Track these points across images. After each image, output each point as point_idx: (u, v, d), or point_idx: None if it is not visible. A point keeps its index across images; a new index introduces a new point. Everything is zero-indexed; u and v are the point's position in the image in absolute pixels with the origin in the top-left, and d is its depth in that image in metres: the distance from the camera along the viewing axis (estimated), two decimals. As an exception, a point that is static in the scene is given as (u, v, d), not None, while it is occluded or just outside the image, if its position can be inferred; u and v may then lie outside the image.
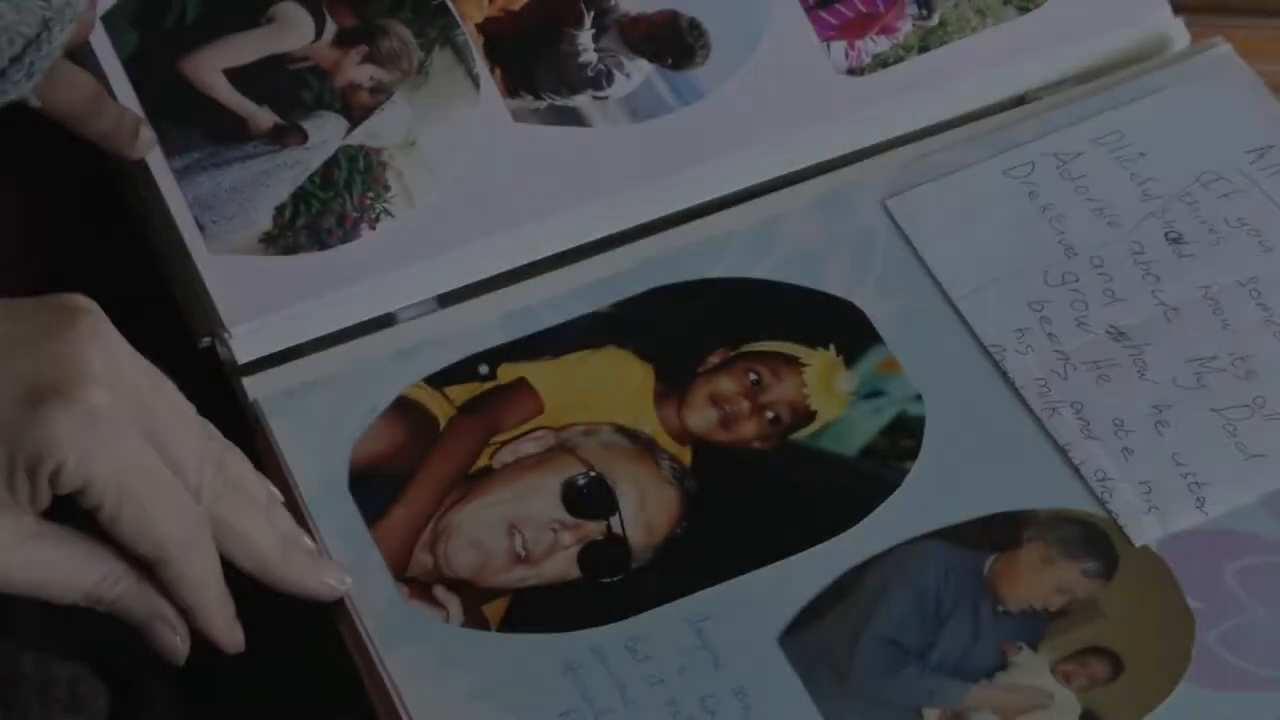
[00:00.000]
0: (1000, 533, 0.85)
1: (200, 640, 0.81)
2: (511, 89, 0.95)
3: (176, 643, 0.80)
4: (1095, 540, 0.85)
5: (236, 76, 0.92)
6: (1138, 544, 0.84)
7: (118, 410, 0.75)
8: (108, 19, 0.92)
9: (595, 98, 0.96)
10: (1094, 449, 0.87)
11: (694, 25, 0.98)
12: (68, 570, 0.77)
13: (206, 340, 0.91)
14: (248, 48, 0.92)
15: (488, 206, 0.93)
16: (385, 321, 0.90)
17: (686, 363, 0.91)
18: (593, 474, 0.88)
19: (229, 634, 0.81)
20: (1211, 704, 0.80)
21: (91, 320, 0.77)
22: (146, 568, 0.79)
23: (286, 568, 0.82)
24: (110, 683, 0.70)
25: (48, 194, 0.97)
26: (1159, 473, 0.86)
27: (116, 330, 0.78)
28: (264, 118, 0.92)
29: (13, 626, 0.77)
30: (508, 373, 0.90)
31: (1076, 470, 0.86)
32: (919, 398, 0.89)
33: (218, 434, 0.83)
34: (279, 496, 0.85)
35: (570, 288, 0.93)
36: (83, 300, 0.77)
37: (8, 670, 0.64)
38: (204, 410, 0.84)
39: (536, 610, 0.84)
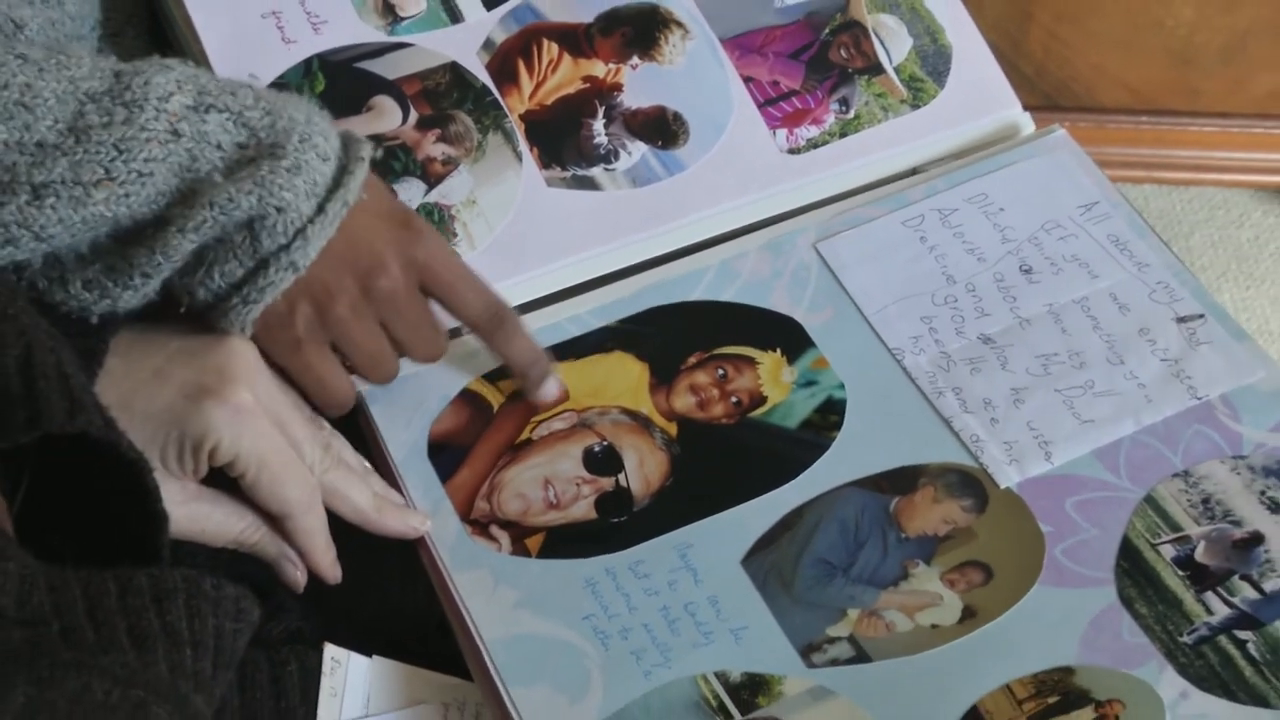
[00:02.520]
0: (901, 481, 0.84)
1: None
2: (545, 162, 0.94)
3: (297, 575, 0.81)
4: (971, 484, 0.84)
5: (345, 151, 0.91)
6: (1002, 486, 0.84)
7: (256, 406, 0.76)
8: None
9: (606, 169, 0.94)
10: (970, 420, 0.86)
11: (677, 117, 0.96)
12: (219, 521, 0.78)
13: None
14: (353, 129, 0.90)
15: (527, 249, 0.91)
16: (454, 334, 0.88)
17: (673, 362, 0.90)
18: (605, 443, 0.87)
19: (331, 571, 0.81)
20: (1057, 598, 0.79)
21: (238, 339, 0.78)
22: (275, 521, 0.79)
23: (380, 518, 0.82)
24: (257, 595, 0.69)
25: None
26: (1017, 435, 0.85)
27: (255, 347, 0.78)
28: (365, 182, 0.91)
29: (190, 564, 0.77)
30: (543, 370, 0.89)
31: (957, 435, 0.85)
32: (842, 386, 0.88)
33: (326, 423, 0.83)
34: (371, 468, 0.85)
35: (588, 308, 0.91)
36: None
37: (192, 588, 0.64)
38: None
39: (564, 543, 0.83)
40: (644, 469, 0.86)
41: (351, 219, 0.79)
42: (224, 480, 0.78)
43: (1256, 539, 0.80)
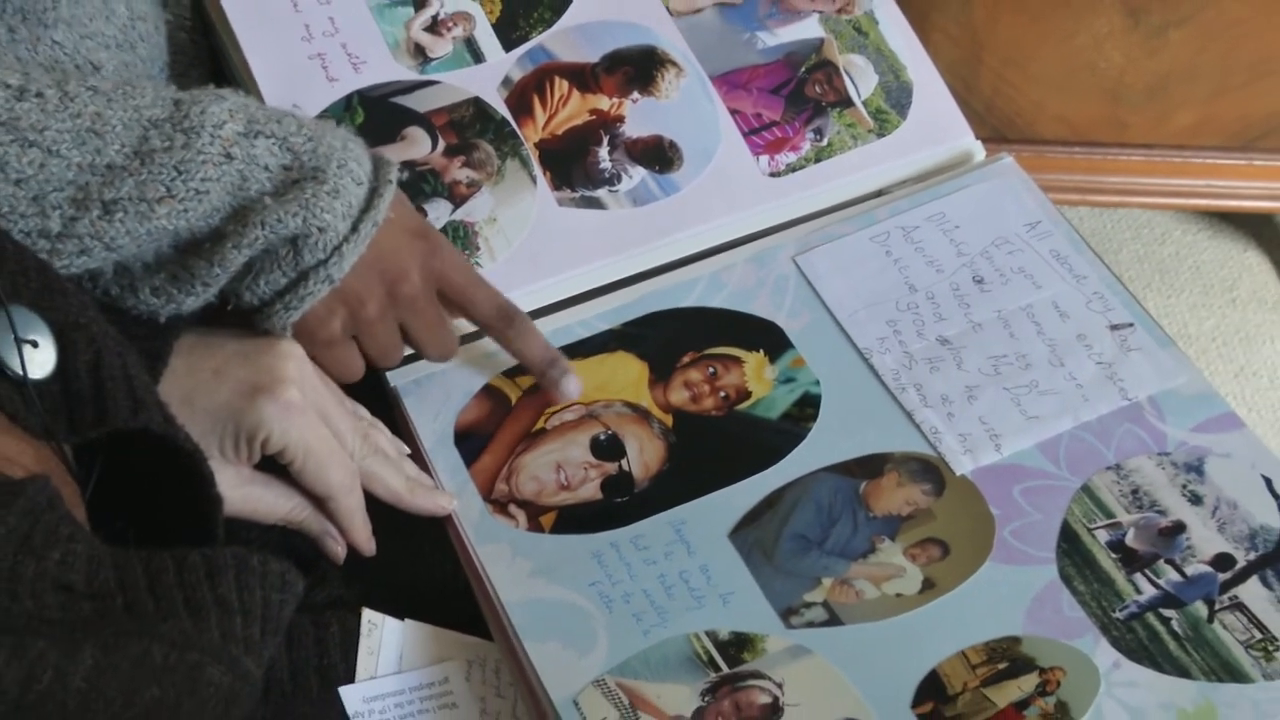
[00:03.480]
0: (869, 466, 0.82)
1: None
2: (556, 185, 0.92)
3: (338, 550, 0.79)
4: (930, 471, 0.82)
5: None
6: (958, 473, 0.82)
7: (304, 401, 0.76)
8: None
9: (610, 191, 0.93)
10: (929, 414, 0.84)
11: (673, 144, 0.95)
12: (270, 502, 0.77)
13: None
14: (388, 155, 0.89)
15: (541, 261, 0.90)
16: (477, 335, 0.87)
17: (669, 361, 0.88)
18: (609, 432, 0.85)
19: (367, 545, 0.80)
20: (1005, 573, 0.78)
21: (287, 343, 0.78)
22: (319, 502, 0.78)
23: (412, 498, 0.81)
24: (302, 567, 0.68)
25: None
26: (971, 428, 0.83)
27: (302, 349, 0.78)
28: (399, 203, 0.90)
29: (244, 538, 0.76)
30: (555, 367, 0.87)
31: (918, 427, 0.83)
32: (817, 383, 0.86)
33: (366, 413, 0.83)
34: (406, 451, 0.83)
35: (594, 313, 0.89)
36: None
37: (241, 564, 0.63)
38: (362, 392, 0.83)
39: (574, 519, 0.81)
40: (644, 455, 0.84)
41: (380, 233, 0.78)
42: (275, 466, 0.77)
43: (1179, 528, 0.79)
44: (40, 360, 0.64)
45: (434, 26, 0.98)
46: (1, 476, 0.59)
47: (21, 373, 0.62)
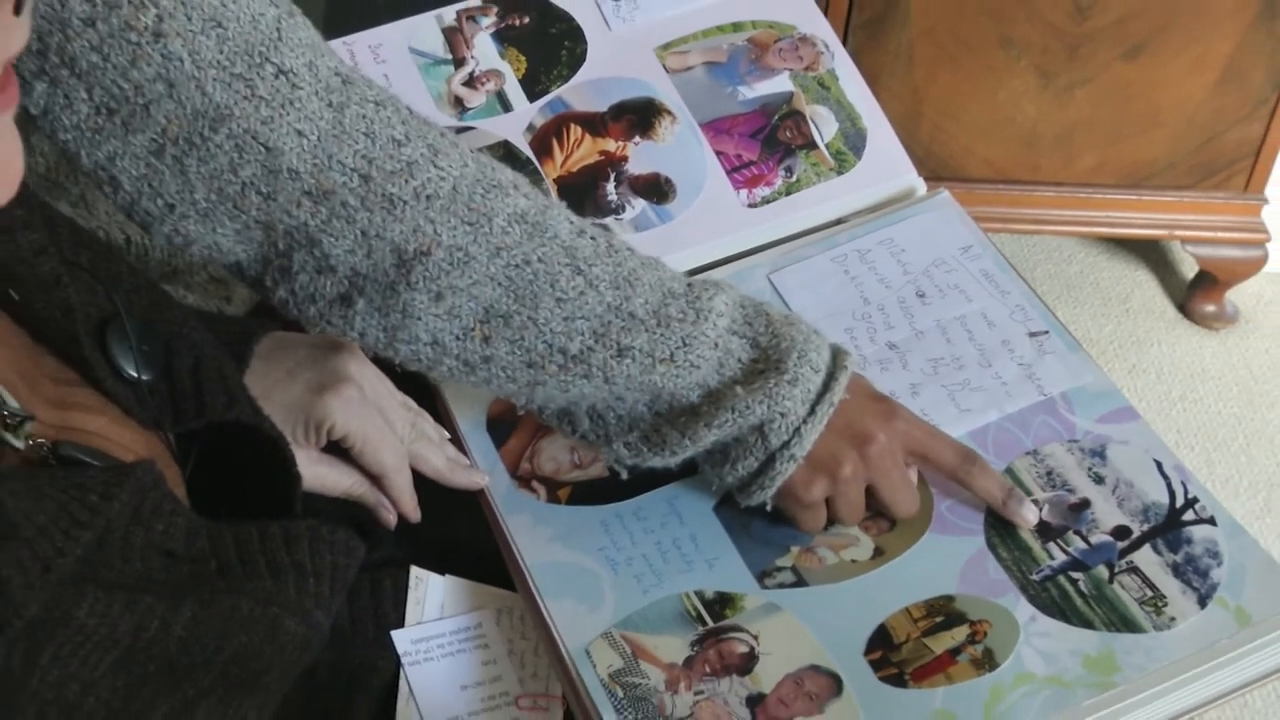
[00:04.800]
0: (830, 452, 0.82)
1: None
2: (572, 215, 0.92)
3: (390, 519, 0.79)
4: (880, 456, 0.82)
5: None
6: (903, 458, 0.81)
7: (363, 396, 0.75)
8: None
9: (616, 219, 0.92)
10: (880, 408, 0.84)
11: (668, 180, 0.94)
12: (334, 479, 0.77)
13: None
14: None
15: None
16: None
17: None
18: (616, 421, 0.85)
19: (414, 514, 0.79)
20: (942, 543, 0.77)
21: (348, 347, 0.77)
22: (375, 479, 0.77)
23: (452, 476, 0.80)
24: (360, 532, 0.68)
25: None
26: (914, 421, 0.83)
27: (360, 352, 0.78)
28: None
29: (314, 509, 0.76)
30: (570, 366, 0.87)
31: (870, 420, 0.83)
32: (787, 380, 0.86)
33: (413, 404, 0.82)
34: (447, 435, 0.83)
35: (603, 321, 0.89)
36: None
37: (313, 533, 0.63)
38: (410, 385, 0.82)
39: (586, 494, 0.81)
40: (643, 441, 0.84)
41: (843, 406, 0.75)
42: (338, 450, 0.76)
43: (1085, 504, 0.78)
44: (150, 364, 0.64)
45: (470, 82, 0.98)
46: (116, 460, 0.59)
47: (135, 374, 0.62)
